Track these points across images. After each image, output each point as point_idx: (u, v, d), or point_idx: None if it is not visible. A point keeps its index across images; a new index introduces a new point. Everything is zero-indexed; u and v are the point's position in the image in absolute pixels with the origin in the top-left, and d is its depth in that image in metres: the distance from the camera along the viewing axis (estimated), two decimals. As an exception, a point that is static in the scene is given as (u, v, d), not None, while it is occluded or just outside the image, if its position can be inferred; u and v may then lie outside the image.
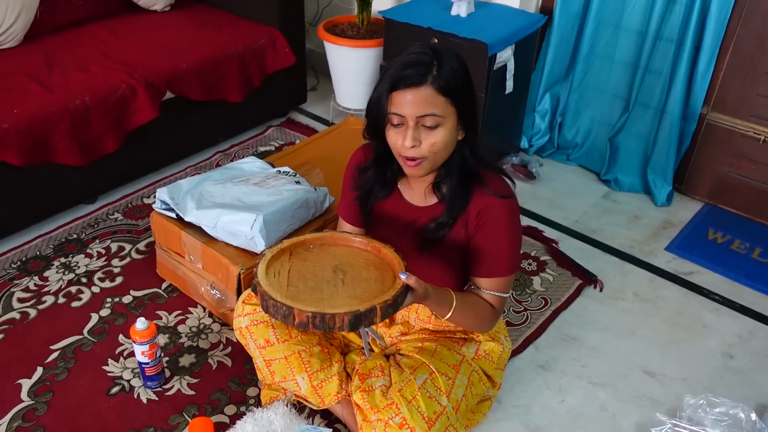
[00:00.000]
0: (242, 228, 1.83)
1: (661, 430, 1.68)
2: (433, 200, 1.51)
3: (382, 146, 1.45)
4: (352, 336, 1.74)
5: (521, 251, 2.30)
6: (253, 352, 1.66)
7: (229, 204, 1.90)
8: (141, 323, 1.69)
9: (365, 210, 1.58)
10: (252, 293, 1.68)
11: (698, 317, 2.12)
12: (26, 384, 1.79)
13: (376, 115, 1.38)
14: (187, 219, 1.92)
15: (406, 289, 1.31)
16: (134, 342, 1.70)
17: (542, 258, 2.31)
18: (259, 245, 1.83)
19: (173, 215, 1.97)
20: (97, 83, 2.30)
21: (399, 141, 1.37)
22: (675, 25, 2.44)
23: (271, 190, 1.97)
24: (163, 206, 1.99)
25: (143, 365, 1.74)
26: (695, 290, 2.22)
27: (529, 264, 2.28)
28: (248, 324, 1.64)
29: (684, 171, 2.66)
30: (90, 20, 2.76)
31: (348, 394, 1.65)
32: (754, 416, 1.65)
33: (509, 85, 2.54)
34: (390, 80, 1.33)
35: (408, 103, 1.32)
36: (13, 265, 2.19)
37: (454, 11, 2.55)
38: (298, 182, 2.04)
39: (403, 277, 1.31)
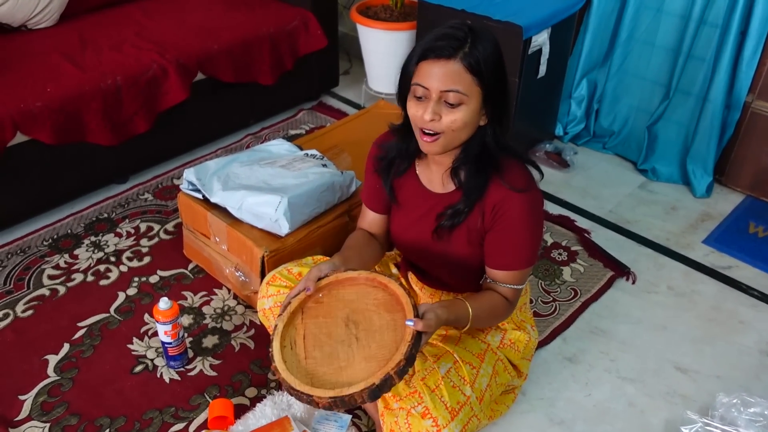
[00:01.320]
0: (267, 210, 1.82)
1: (692, 429, 1.62)
2: (451, 187, 1.48)
3: (406, 115, 1.42)
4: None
5: (546, 242, 2.27)
6: (275, 335, 1.65)
7: (255, 186, 1.89)
8: (164, 303, 1.70)
9: (387, 185, 1.56)
10: (276, 276, 1.67)
11: (735, 313, 2.04)
12: (53, 360, 1.82)
13: (402, 83, 1.37)
14: (213, 200, 1.92)
15: (419, 337, 1.30)
16: (157, 322, 1.71)
17: (573, 248, 2.25)
18: (283, 228, 1.82)
19: (200, 196, 1.97)
20: (129, 63, 2.31)
21: (419, 113, 1.34)
22: (720, 9, 2.34)
23: (297, 173, 1.95)
24: (190, 187, 1.99)
25: (166, 345, 1.75)
26: (733, 285, 2.14)
27: (560, 254, 2.23)
28: (272, 305, 1.63)
29: (725, 161, 2.56)
30: (125, 1, 2.78)
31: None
32: (790, 418, 1.59)
33: (542, 69, 2.47)
34: (420, 49, 1.30)
35: (434, 75, 1.29)
36: (44, 243, 2.22)
37: (489, -7, 2.49)
38: (324, 165, 2.02)
39: (410, 324, 1.30)
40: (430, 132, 1.34)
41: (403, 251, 1.68)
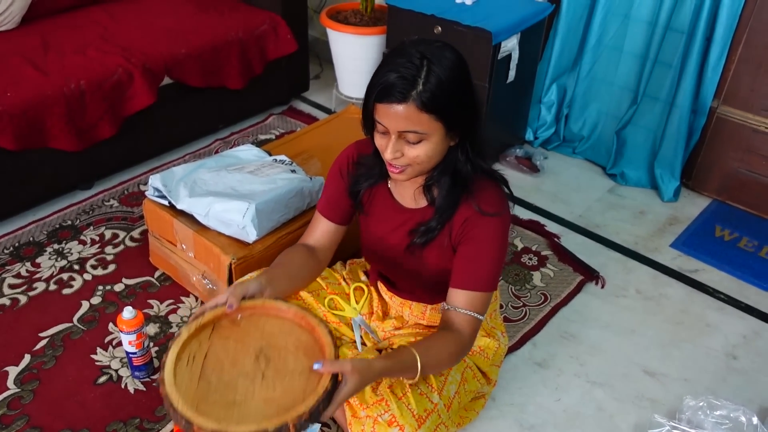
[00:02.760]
0: (234, 217, 1.79)
1: (660, 433, 1.63)
2: (423, 203, 1.45)
3: (374, 143, 1.39)
4: (344, 329, 1.69)
5: (517, 247, 2.27)
6: (241, 344, 1.62)
7: (222, 192, 1.87)
8: (128, 312, 1.66)
9: (355, 201, 1.53)
10: None
11: (702, 316, 2.06)
12: (13, 372, 1.77)
13: (365, 116, 1.33)
14: (179, 207, 1.88)
15: (330, 392, 1.17)
16: (121, 331, 1.67)
17: (543, 253, 2.26)
18: (251, 235, 1.79)
19: (166, 203, 1.93)
20: (93, 67, 2.26)
21: (382, 147, 1.31)
22: (686, 15, 2.37)
23: (265, 179, 1.92)
24: (156, 193, 1.96)
25: (130, 355, 1.71)
26: (700, 288, 2.16)
27: (530, 259, 2.23)
28: None
29: (692, 166, 2.59)
30: (89, 3, 2.73)
31: (337, 389, 1.60)
32: (755, 420, 1.60)
33: (511, 74, 2.48)
34: (375, 89, 1.25)
35: (390, 116, 1.25)
36: (5, 251, 2.16)
37: (458, -1, 2.49)
38: (293, 171, 2.00)
39: (317, 367, 1.20)
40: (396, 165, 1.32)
41: (374, 262, 1.66)
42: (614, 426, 1.71)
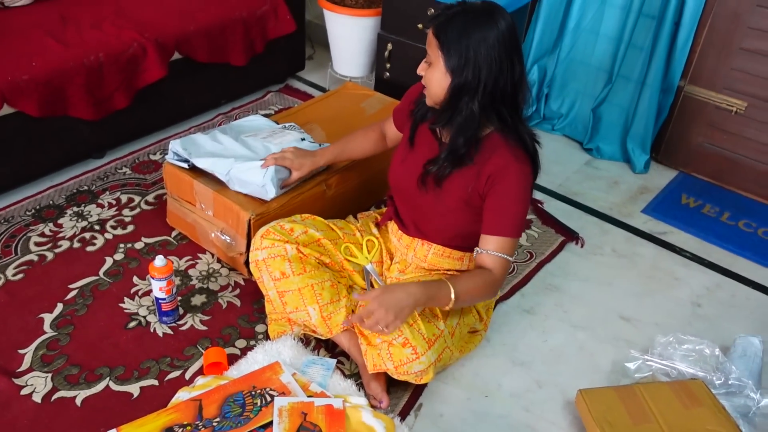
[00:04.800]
0: (254, 176, 1.96)
1: (635, 365, 1.85)
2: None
3: None
4: (356, 278, 1.88)
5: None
6: (267, 284, 1.78)
7: (242, 155, 2.03)
8: (159, 260, 1.82)
9: (412, 127, 1.77)
10: (270, 230, 1.81)
11: (670, 271, 2.30)
12: (48, 318, 1.91)
13: None
14: (201, 167, 2.03)
15: None
16: (152, 278, 1.83)
17: (528, 217, 2.47)
18: (270, 193, 1.96)
19: (185, 166, 2.09)
20: (110, 41, 2.39)
21: None
22: (657, 1, 2.58)
23: (279, 144, 2.09)
24: (176, 157, 2.10)
25: (160, 300, 1.87)
26: (668, 248, 2.40)
27: (516, 221, 2.44)
28: (265, 257, 1.76)
29: (661, 141, 2.83)
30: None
31: (353, 326, 1.79)
32: (717, 351, 1.83)
33: (501, 54, 2.67)
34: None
35: (426, 37, 1.57)
36: (27, 213, 2.29)
37: (450, -17, 2.67)
38: (303, 139, 2.17)
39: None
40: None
41: (395, 193, 1.86)
42: (594, 362, 1.93)
